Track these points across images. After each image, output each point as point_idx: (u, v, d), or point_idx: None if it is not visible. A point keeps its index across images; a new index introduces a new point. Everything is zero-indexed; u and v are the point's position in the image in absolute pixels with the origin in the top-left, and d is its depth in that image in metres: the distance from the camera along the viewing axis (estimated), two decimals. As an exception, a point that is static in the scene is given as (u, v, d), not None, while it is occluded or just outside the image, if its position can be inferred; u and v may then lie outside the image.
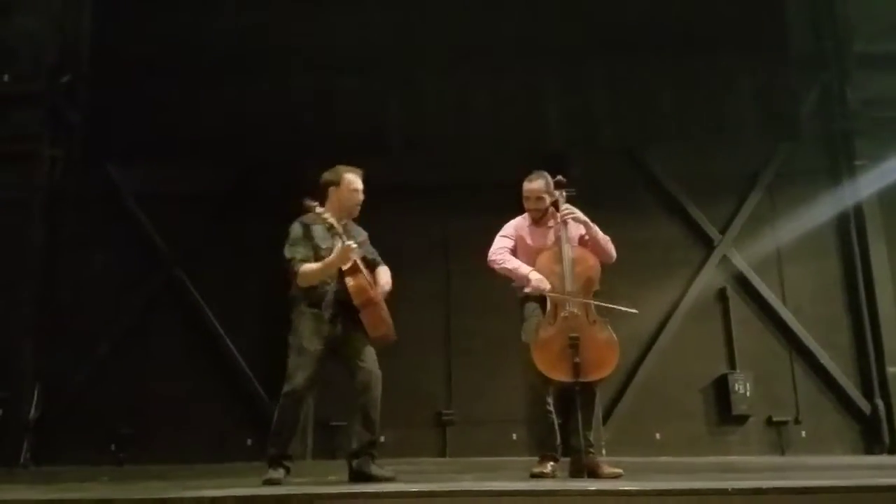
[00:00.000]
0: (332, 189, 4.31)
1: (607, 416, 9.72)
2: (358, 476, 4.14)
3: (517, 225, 4.89)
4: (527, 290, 4.60)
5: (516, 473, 4.70)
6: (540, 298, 4.61)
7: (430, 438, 9.77)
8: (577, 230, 4.77)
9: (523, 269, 4.65)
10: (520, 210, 5.38)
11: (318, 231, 4.23)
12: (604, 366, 4.41)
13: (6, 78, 10.13)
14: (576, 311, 4.45)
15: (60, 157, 10.17)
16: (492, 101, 10.56)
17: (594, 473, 4.29)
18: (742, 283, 10.33)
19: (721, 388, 9.99)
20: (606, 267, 5.11)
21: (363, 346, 4.30)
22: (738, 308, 10.26)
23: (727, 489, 3.20)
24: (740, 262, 10.32)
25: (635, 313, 5.09)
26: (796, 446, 9.79)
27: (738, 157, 10.45)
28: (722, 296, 10.31)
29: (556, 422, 4.49)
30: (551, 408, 4.49)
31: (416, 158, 10.02)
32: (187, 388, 9.87)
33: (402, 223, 9.97)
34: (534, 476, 4.30)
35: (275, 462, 4.12)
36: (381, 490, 3.35)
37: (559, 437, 4.48)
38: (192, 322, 10.07)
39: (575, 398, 4.39)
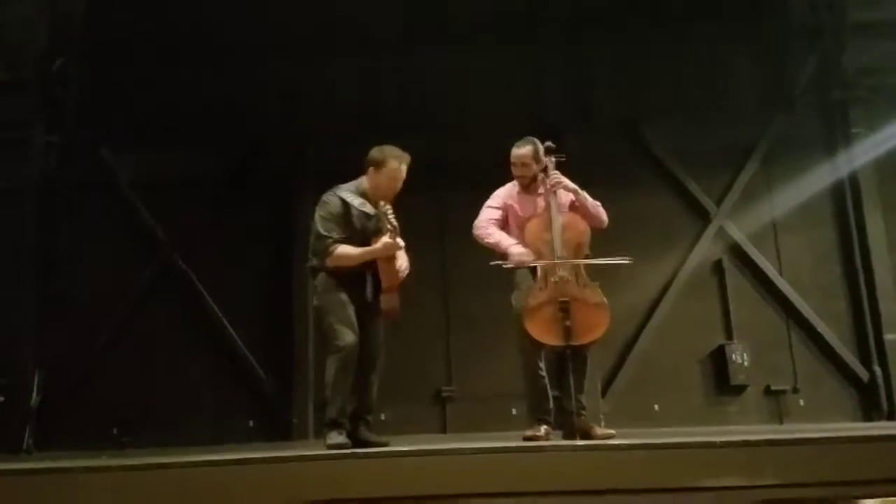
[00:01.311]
0: (372, 169, 4.29)
1: (606, 388, 9.77)
2: (353, 442, 4.18)
3: (506, 193, 4.90)
4: (508, 265, 4.60)
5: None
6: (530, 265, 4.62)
7: (430, 415, 9.81)
8: (566, 196, 4.78)
9: (505, 241, 4.65)
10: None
11: (355, 209, 4.22)
12: (595, 328, 4.44)
13: (-4, 63, 10.09)
14: (566, 275, 4.47)
15: (54, 144, 10.15)
16: (489, 78, 10.56)
17: (587, 435, 4.33)
18: (738, 254, 10.34)
19: (719, 359, 10.02)
20: (601, 238, 5.11)
21: (376, 321, 4.35)
22: (735, 279, 10.27)
23: (715, 442, 3.22)
24: (736, 233, 10.32)
25: (629, 262, 5.08)
26: (795, 415, 9.82)
27: (733, 128, 10.44)
28: (718, 267, 10.31)
29: (548, 386, 4.53)
30: (543, 372, 4.53)
31: (412, 138, 9.98)
32: (188, 371, 9.91)
33: (399, 202, 9.98)
34: (527, 439, 4.34)
35: (336, 425, 4.10)
36: (374, 451, 3.39)
37: (552, 401, 4.51)
38: (191, 307, 10.09)
39: (567, 363, 4.42)
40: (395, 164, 4.36)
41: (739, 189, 10.40)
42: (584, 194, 4.78)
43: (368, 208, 4.24)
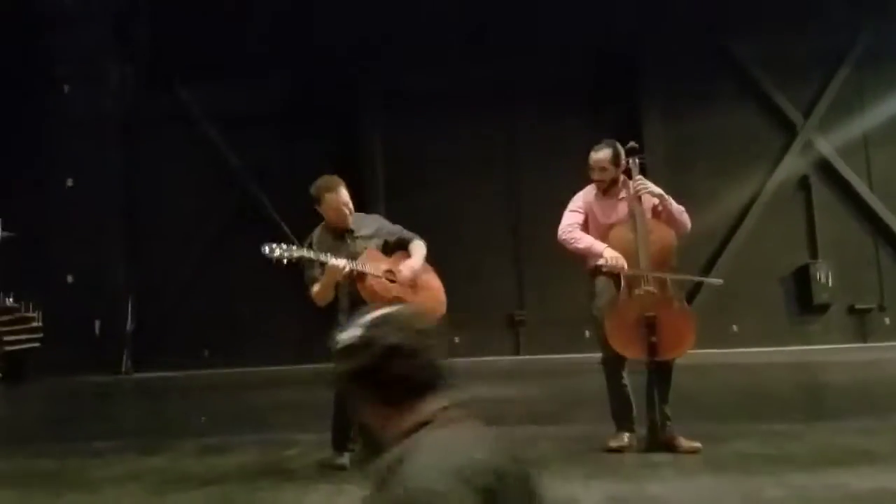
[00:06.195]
0: (318, 207, 4.21)
1: (682, 311, 9.65)
2: None
3: (586, 198, 4.53)
4: (603, 267, 4.30)
5: (591, 377, 4.58)
6: (612, 273, 4.34)
7: (503, 338, 9.95)
8: (649, 201, 4.42)
9: (597, 246, 4.28)
10: (589, 118, 4.97)
11: (322, 245, 4.16)
12: (681, 345, 4.15)
13: (70, -1, 10.18)
14: (651, 288, 4.21)
15: (130, 77, 10.32)
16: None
17: (671, 447, 4.16)
18: (826, 169, 9.86)
19: (802, 278, 9.76)
20: (682, 156, 4.82)
21: None
22: (822, 195, 9.85)
23: None
24: (825, 146, 9.83)
25: (720, 283, 4.95)
26: (879, 333, 9.56)
27: (824, 33, 9.74)
28: (804, 183, 9.89)
29: (631, 395, 4.35)
30: (626, 381, 4.34)
31: (478, 60, 9.76)
32: (271, 295, 10.19)
33: (467, 127, 9.87)
34: (611, 450, 4.19)
35: (337, 448, 4.23)
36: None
37: (634, 409, 4.33)
38: (269, 233, 10.32)
39: (652, 375, 4.23)
40: (329, 195, 4.19)
41: (829, 99, 9.82)
42: (670, 199, 4.39)
43: (303, 254, 4.11)
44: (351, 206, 4.20)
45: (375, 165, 10.22)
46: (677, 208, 4.27)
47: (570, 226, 4.30)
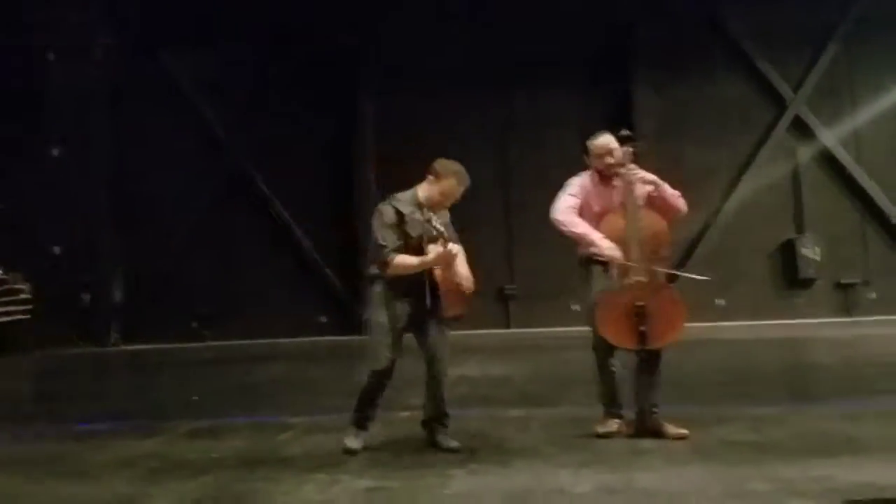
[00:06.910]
0: (432, 178, 4.13)
1: (666, 284, 9.75)
2: (431, 443, 4.25)
3: (582, 184, 4.52)
4: (597, 257, 4.29)
5: (580, 353, 4.61)
6: (603, 261, 4.35)
7: (493, 312, 10.02)
8: (644, 188, 4.42)
9: (593, 234, 4.30)
10: (581, 92, 4.89)
11: (408, 216, 4.10)
12: (670, 333, 4.17)
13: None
14: (642, 277, 4.23)
15: (117, 46, 10.21)
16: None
17: (659, 433, 4.22)
18: (814, 143, 9.94)
19: (788, 253, 9.87)
20: (674, 128, 4.77)
21: (436, 325, 4.24)
22: (809, 170, 9.96)
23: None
24: (813, 121, 9.90)
25: (708, 280, 4.97)
26: (864, 308, 9.71)
27: (815, 7, 9.81)
28: (793, 158, 9.96)
29: (619, 380, 4.38)
30: (615, 367, 4.38)
31: (475, 33, 9.70)
32: (262, 270, 10.29)
33: (462, 101, 9.83)
34: (600, 436, 4.23)
35: (357, 425, 4.26)
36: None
37: (622, 394, 4.37)
38: (259, 208, 10.34)
39: (640, 363, 4.27)
40: (454, 182, 4.10)
41: (818, 73, 9.87)
42: (664, 185, 4.39)
43: (419, 216, 4.06)
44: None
45: (368, 138, 10.20)
46: (672, 193, 4.27)
47: (567, 209, 4.26)
